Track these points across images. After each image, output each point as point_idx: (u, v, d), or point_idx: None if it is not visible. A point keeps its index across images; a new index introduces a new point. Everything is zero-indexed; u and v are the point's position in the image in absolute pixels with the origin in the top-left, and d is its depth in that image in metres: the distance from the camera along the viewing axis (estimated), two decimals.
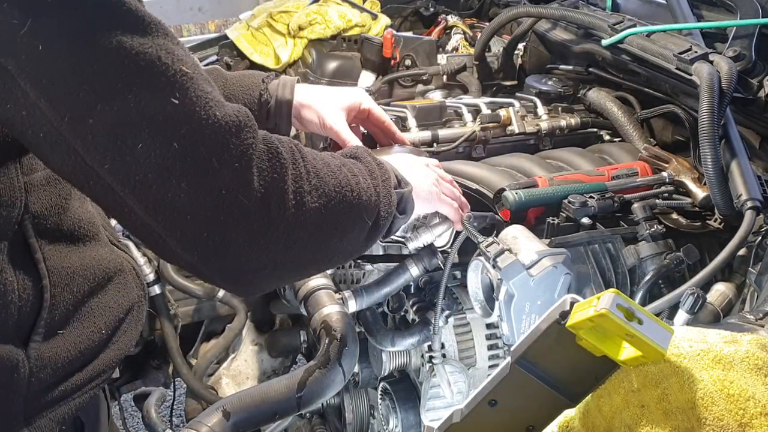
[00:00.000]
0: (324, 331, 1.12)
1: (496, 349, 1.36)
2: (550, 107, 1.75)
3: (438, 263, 1.27)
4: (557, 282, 1.15)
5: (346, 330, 1.12)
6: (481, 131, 1.66)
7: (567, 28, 1.91)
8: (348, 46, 2.27)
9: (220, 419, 0.99)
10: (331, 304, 1.17)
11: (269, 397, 1.04)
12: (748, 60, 1.40)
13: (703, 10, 1.60)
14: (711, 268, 1.15)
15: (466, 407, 0.78)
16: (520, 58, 2.13)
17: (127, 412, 2.64)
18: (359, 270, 1.45)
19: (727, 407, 0.71)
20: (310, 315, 1.18)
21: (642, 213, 1.32)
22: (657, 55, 1.47)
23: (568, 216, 1.31)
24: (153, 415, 1.13)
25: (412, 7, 2.63)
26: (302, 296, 1.21)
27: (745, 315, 0.99)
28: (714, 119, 1.26)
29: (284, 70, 2.34)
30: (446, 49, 2.32)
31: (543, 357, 0.74)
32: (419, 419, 1.35)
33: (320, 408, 1.64)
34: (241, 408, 1.02)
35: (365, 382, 1.50)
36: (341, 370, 1.08)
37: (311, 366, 1.07)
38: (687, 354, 0.75)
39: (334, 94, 1.33)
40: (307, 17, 2.25)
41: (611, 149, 1.61)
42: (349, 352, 1.10)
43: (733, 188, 1.25)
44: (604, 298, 0.68)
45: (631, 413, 0.73)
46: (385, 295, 1.32)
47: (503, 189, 1.36)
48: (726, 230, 1.29)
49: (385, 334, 1.32)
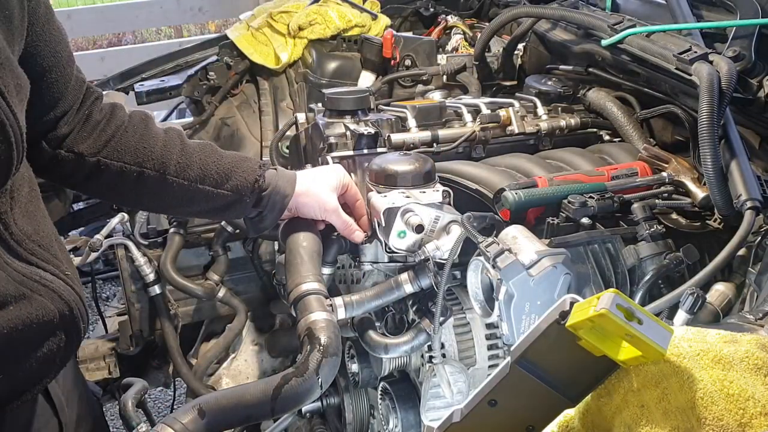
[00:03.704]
0: (307, 338, 1.12)
1: (496, 349, 1.36)
2: (549, 107, 1.76)
3: (432, 283, 1.27)
4: (557, 282, 1.15)
5: (330, 339, 1.11)
6: (480, 131, 1.66)
7: (567, 28, 1.91)
8: (348, 47, 2.27)
9: (195, 417, 1.00)
10: (318, 310, 1.16)
11: (245, 400, 1.04)
12: (747, 60, 1.40)
13: (702, 10, 1.60)
14: (711, 268, 1.15)
15: (466, 407, 0.78)
16: (519, 58, 2.13)
17: None
18: (359, 270, 1.45)
19: (726, 407, 0.71)
20: (298, 319, 1.18)
21: (642, 213, 1.32)
22: (657, 55, 1.47)
23: (568, 216, 1.31)
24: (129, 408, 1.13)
25: (412, 7, 2.63)
26: (292, 299, 1.21)
27: (745, 315, 0.99)
28: (714, 119, 1.26)
29: (284, 70, 2.34)
30: (446, 49, 2.33)
31: (543, 357, 0.74)
32: (419, 419, 1.35)
33: (320, 408, 1.64)
34: (217, 408, 1.02)
35: (365, 382, 1.50)
36: (318, 380, 1.07)
37: (288, 373, 1.07)
38: (687, 354, 0.75)
39: (325, 178, 1.35)
40: (307, 17, 2.25)
41: (611, 149, 1.61)
42: (329, 363, 1.09)
43: (733, 188, 1.25)
44: (604, 298, 0.69)
45: (631, 413, 0.73)
46: (375, 308, 1.32)
47: (503, 189, 1.37)
48: (726, 230, 1.29)
49: (378, 342, 1.32)
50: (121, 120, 1.23)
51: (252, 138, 2.36)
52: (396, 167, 1.34)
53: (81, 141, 1.19)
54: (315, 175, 1.36)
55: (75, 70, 1.16)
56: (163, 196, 1.25)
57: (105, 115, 1.22)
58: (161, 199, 1.27)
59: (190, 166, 1.24)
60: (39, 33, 1.05)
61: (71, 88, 1.15)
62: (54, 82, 1.11)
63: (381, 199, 1.30)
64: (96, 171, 1.20)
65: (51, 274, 1.02)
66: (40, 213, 1.06)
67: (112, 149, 1.20)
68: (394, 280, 1.31)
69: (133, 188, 1.23)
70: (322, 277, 1.28)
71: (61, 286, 1.03)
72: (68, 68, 1.13)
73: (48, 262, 1.03)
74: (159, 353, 2.30)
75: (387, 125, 1.61)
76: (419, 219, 1.26)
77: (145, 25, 5.58)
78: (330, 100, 1.58)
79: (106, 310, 2.68)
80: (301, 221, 1.36)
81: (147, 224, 2.19)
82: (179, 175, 1.23)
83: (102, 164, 1.20)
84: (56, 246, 1.07)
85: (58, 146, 1.17)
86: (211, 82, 2.41)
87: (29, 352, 1.01)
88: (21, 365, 1.00)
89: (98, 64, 4.29)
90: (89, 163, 1.19)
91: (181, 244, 2.12)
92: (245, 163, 1.29)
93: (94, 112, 1.21)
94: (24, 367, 1.01)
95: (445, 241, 1.27)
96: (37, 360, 1.02)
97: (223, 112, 2.42)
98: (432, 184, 1.35)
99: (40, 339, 1.01)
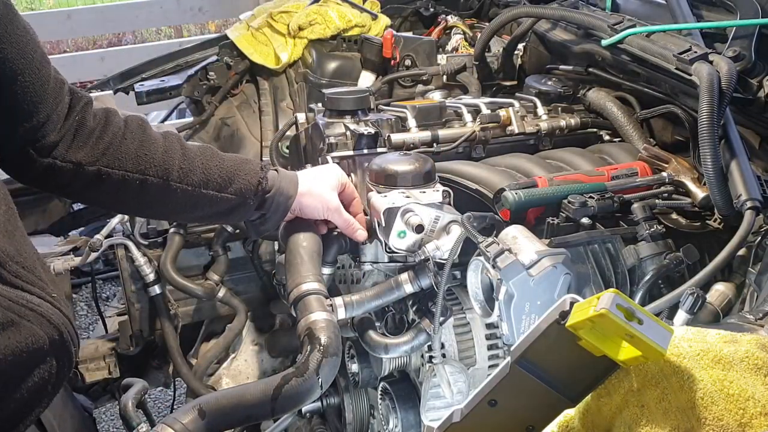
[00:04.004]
0: (307, 338, 1.12)
1: (496, 349, 1.36)
2: (549, 107, 1.75)
3: (432, 283, 1.27)
4: (557, 282, 1.15)
5: (330, 339, 1.11)
6: (480, 131, 1.66)
7: (567, 28, 1.91)
8: (348, 47, 2.27)
9: (195, 417, 1.00)
10: (319, 310, 1.16)
11: (245, 400, 1.04)
12: (747, 60, 1.40)
13: (702, 10, 1.60)
14: (711, 268, 1.15)
15: (466, 407, 0.78)
16: (519, 58, 2.13)
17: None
18: (359, 270, 1.45)
19: (726, 407, 0.71)
20: (298, 319, 1.18)
21: (642, 213, 1.32)
22: (657, 55, 1.47)
23: (568, 216, 1.31)
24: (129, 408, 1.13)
25: (412, 7, 2.63)
26: (292, 299, 1.21)
27: (745, 315, 0.99)
28: (714, 119, 1.26)
29: (284, 70, 2.34)
30: (446, 49, 2.33)
31: (543, 357, 0.74)
32: (419, 419, 1.35)
33: (320, 408, 1.64)
34: (217, 408, 1.02)
35: (365, 382, 1.50)
36: (318, 380, 1.07)
37: (289, 373, 1.07)
38: (687, 354, 0.75)
39: (325, 178, 1.35)
40: (307, 17, 2.25)
41: (611, 149, 1.61)
42: (329, 363, 1.09)
43: (733, 188, 1.25)
44: (604, 298, 0.69)
45: (631, 413, 0.73)
46: (375, 308, 1.32)
47: (503, 189, 1.37)
48: (726, 230, 1.29)
49: (378, 342, 1.32)
50: (118, 126, 1.20)
51: (252, 138, 2.36)
52: (396, 167, 1.34)
53: (77, 149, 1.15)
54: (315, 175, 1.36)
55: (52, 71, 1.11)
56: (166, 202, 1.24)
57: (99, 121, 1.19)
58: (164, 205, 1.25)
59: (192, 170, 1.22)
60: (1, 35, 1.00)
61: (50, 91, 1.10)
62: (29, 85, 1.05)
63: (381, 199, 1.30)
64: (96, 180, 1.17)
65: (38, 297, 0.96)
66: (19, 233, 1.00)
67: (111, 157, 1.17)
68: (394, 280, 1.31)
69: (135, 196, 1.21)
70: (322, 277, 1.28)
71: (50, 310, 0.97)
72: (43, 70, 1.08)
73: (33, 284, 0.97)
74: (159, 353, 2.30)
75: (387, 125, 1.61)
76: (419, 219, 1.26)
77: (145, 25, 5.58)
78: (330, 100, 1.58)
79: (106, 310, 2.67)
80: (302, 221, 1.36)
81: (147, 224, 2.19)
82: (182, 181, 1.22)
83: (103, 173, 1.17)
84: (39, 267, 1.02)
85: (48, 155, 1.13)
86: (211, 82, 2.41)
87: (19, 383, 0.95)
88: (11, 397, 0.94)
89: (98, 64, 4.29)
90: (89, 172, 1.16)
91: (181, 244, 2.12)
92: (247, 165, 1.28)
93: (87, 118, 1.17)
94: (15, 398, 0.95)
95: (445, 241, 1.27)
96: (29, 390, 0.96)
97: (223, 112, 2.42)
98: (432, 184, 1.35)
99: (30, 368, 0.95)
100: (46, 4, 7.32)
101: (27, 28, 1.05)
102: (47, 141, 1.13)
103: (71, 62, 4.33)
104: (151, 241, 2.17)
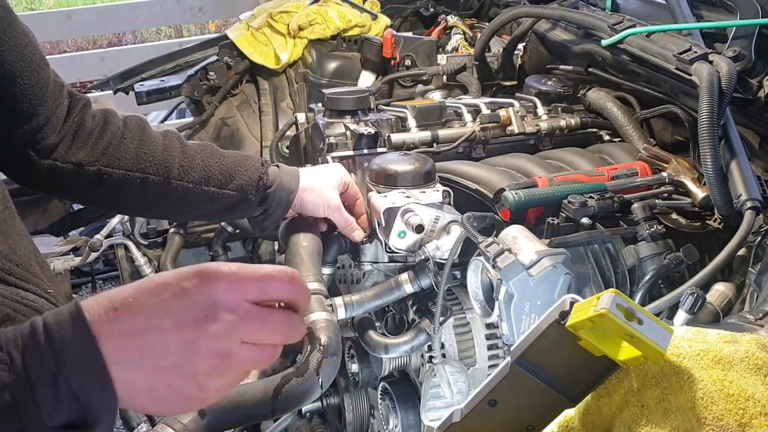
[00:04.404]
0: (307, 338, 1.12)
1: (496, 349, 1.36)
2: (549, 107, 1.75)
3: (432, 283, 1.28)
4: (557, 282, 1.15)
5: (331, 339, 1.11)
6: (480, 131, 1.66)
7: (567, 28, 1.91)
8: (348, 47, 2.27)
9: (195, 417, 1.00)
10: (319, 310, 1.17)
11: (245, 400, 1.04)
12: (747, 60, 1.40)
13: (702, 10, 1.60)
14: (711, 268, 1.15)
15: (466, 407, 0.78)
16: (519, 58, 2.13)
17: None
18: (359, 270, 1.45)
19: (726, 407, 0.71)
20: None
21: (642, 213, 1.32)
22: (657, 55, 1.47)
23: (568, 216, 1.31)
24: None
25: (412, 7, 2.63)
26: None
27: (745, 315, 0.99)
28: (713, 119, 1.26)
29: (284, 70, 2.34)
30: (446, 49, 2.33)
31: (543, 357, 0.74)
32: (419, 419, 1.35)
33: (320, 408, 1.64)
34: (217, 408, 1.02)
35: (365, 382, 1.50)
36: (318, 380, 1.07)
37: (289, 373, 1.07)
38: (687, 354, 0.75)
39: (328, 176, 1.35)
40: (307, 17, 2.25)
41: (611, 149, 1.61)
42: (329, 363, 1.09)
43: (733, 188, 1.25)
44: (604, 298, 0.69)
45: (631, 413, 0.73)
46: (375, 308, 1.33)
47: (503, 189, 1.37)
48: (726, 230, 1.29)
49: (378, 342, 1.32)
50: (117, 126, 1.20)
51: (252, 138, 2.36)
52: (396, 167, 1.34)
53: (77, 150, 1.16)
54: (318, 173, 1.37)
55: (51, 74, 1.12)
56: (167, 201, 1.24)
57: (98, 122, 1.19)
58: (166, 204, 1.25)
59: (193, 168, 1.23)
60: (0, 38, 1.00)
61: (50, 93, 1.11)
62: (29, 88, 1.06)
63: (381, 199, 1.30)
64: (97, 180, 1.18)
65: (33, 294, 0.96)
66: (15, 231, 1.00)
67: (111, 157, 1.18)
68: (394, 280, 1.31)
69: (136, 196, 1.21)
70: (322, 277, 1.28)
71: (45, 306, 0.96)
72: (42, 72, 1.08)
73: (27, 281, 0.96)
74: None
75: (387, 125, 1.61)
76: (419, 219, 1.26)
77: (145, 25, 5.58)
78: (330, 100, 1.58)
79: None
80: (302, 221, 1.36)
81: (147, 224, 2.19)
82: (183, 179, 1.22)
83: (104, 173, 1.17)
84: (36, 264, 1.00)
85: (49, 156, 1.14)
86: (211, 82, 2.41)
87: None
88: None
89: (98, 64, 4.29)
90: (89, 172, 1.17)
91: (181, 244, 2.12)
92: (247, 161, 1.29)
93: (86, 119, 1.18)
94: None
95: (445, 241, 1.27)
96: None
97: (223, 112, 2.42)
98: (432, 184, 1.35)
99: None
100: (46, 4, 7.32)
101: (26, 30, 1.06)
102: (47, 143, 1.13)
103: (71, 62, 4.33)
104: (151, 241, 2.17)
